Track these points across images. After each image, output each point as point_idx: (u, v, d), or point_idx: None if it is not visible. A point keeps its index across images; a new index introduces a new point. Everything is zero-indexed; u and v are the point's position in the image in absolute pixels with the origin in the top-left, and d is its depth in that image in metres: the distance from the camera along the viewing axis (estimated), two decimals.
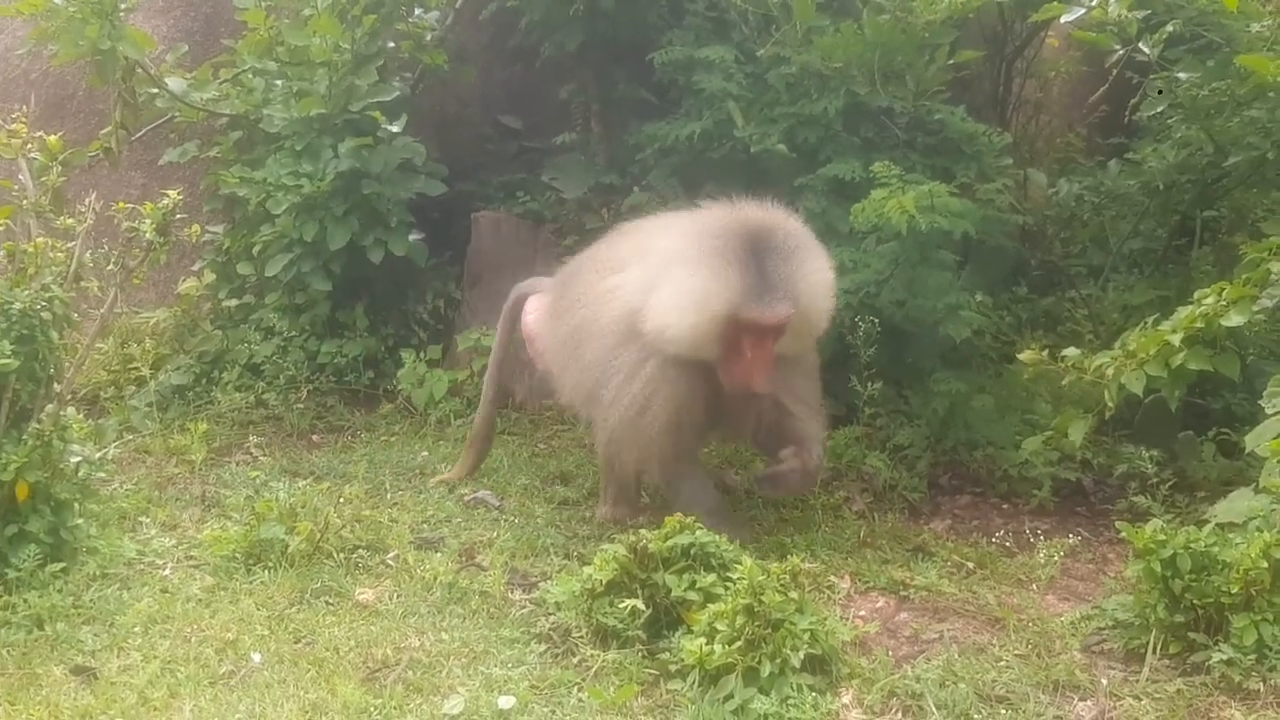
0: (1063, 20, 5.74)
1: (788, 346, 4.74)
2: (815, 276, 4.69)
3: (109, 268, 4.96)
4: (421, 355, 6.77)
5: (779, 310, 4.55)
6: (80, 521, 4.66)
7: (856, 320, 5.48)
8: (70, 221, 4.92)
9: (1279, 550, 3.86)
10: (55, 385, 4.70)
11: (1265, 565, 3.84)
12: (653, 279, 4.70)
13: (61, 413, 4.67)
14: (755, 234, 4.62)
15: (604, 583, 4.11)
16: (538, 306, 5.44)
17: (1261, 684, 3.76)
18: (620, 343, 4.81)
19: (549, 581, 4.51)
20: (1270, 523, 4.07)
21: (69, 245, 4.83)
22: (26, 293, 4.51)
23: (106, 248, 5.04)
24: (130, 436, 6.09)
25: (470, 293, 7.04)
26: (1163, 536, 3.98)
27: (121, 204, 4.93)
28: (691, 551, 4.13)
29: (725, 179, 6.49)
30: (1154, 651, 3.97)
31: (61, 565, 4.43)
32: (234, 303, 7.10)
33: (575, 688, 3.84)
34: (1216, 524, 4.20)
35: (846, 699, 3.78)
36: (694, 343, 4.61)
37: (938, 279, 5.67)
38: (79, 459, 4.74)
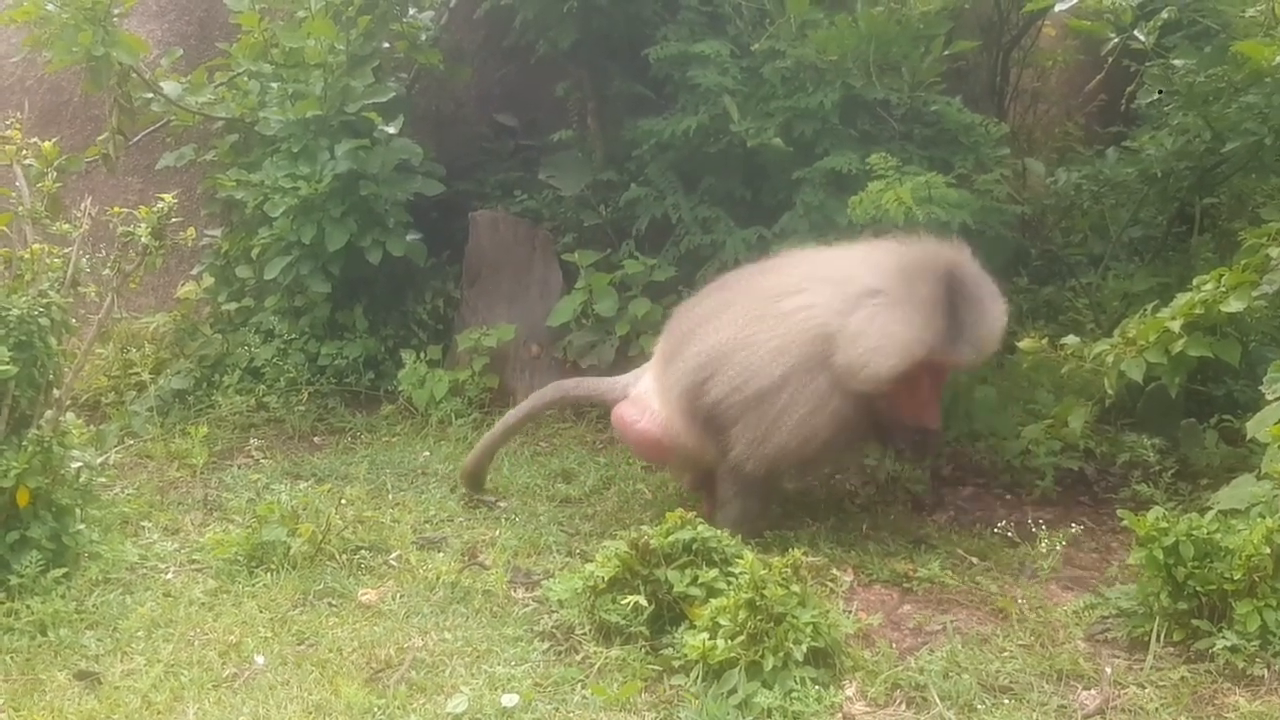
0: (1057, 9, 5.74)
1: None
2: (998, 324, 4.77)
3: (105, 272, 4.96)
4: (422, 355, 6.76)
5: (970, 356, 4.73)
6: (82, 527, 4.66)
7: None
8: (67, 227, 4.93)
9: None
10: (55, 391, 4.71)
11: (1268, 551, 3.83)
12: (849, 310, 4.70)
13: (61, 418, 4.68)
14: (953, 278, 4.65)
15: (606, 579, 4.11)
16: (640, 410, 5.14)
17: (1266, 670, 3.75)
18: (809, 368, 4.72)
19: (551, 579, 4.50)
20: (1272, 509, 4.07)
21: (66, 251, 4.83)
22: (24, 299, 4.51)
23: (104, 253, 5.05)
24: (131, 441, 6.09)
25: (469, 292, 7.03)
26: (1165, 524, 3.97)
27: (117, 209, 4.93)
28: (693, 547, 4.12)
29: (723, 173, 6.52)
30: (1158, 639, 3.96)
31: (64, 571, 4.43)
32: (233, 306, 7.10)
33: (579, 685, 3.84)
34: (1219, 511, 4.19)
35: (850, 691, 3.77)
36: (888, 381, 4.65)
37: None
38: (80, 464, 4.74)
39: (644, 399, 5.16)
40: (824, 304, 4.76)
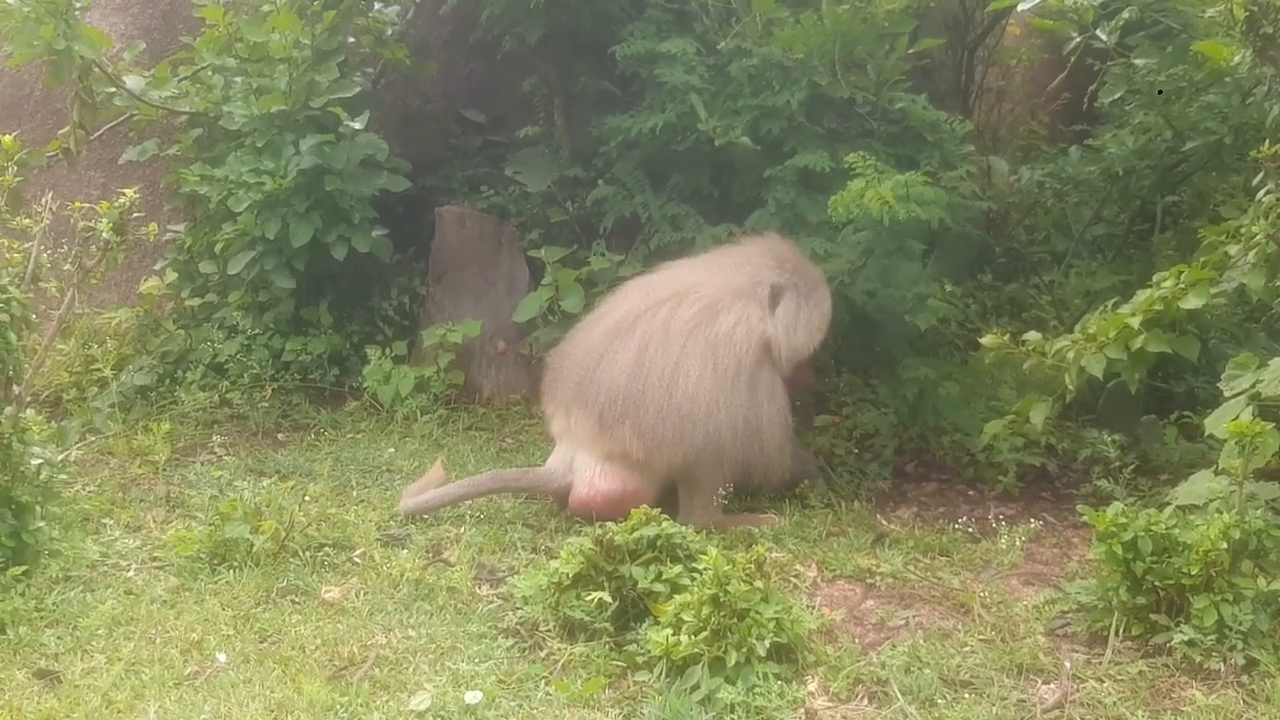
0: (1020, 8, 5.77)
1: None
2: None
3: (67, 268, 4.92)
4: (387, 352, 6.73)
5: None
6: (42, 524, 4.61)
7: None
8: (27, 222, 4.88)
9: (1238, 531, 3.90)
10: (15, 387, 4.66)
11: (1224, 546, 3.87)
12: (758, 307, 5.22)
13: (21, 414, 4.63)
14: None
15: (571, 576, 4.11)
16: (589, 485, 5.16)
17: (1222, 664, 3.79)
18: (755, 365, 5.16)
19: (516, 576, 4.51)
20: (1229, 504, 4.11)
21: (26, 246, 4.79)
22: None
23: (65, 248, 5.00)
24: (93, 438, 6.04)
25: (435, 288, 7.02)
26: (1124, 519, 4.00)
27: (79, 204, 4.89)
28: (658, 543, 4.13)
29: (691, 171, 6.53)
30: (1116, 634, 4.00)
31: (24, 568, 4.39)
32: (197, 301, 7.05)
33: (543, 681, 3.84)
34: (1177, 506, 4.23)
35: (812, 686, 3.79)
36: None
37: (908, 268, 5.70)
38: (40, 461, 4.69)
39: (586, 472, 5.17)
40: (747, 313, 5.21)
